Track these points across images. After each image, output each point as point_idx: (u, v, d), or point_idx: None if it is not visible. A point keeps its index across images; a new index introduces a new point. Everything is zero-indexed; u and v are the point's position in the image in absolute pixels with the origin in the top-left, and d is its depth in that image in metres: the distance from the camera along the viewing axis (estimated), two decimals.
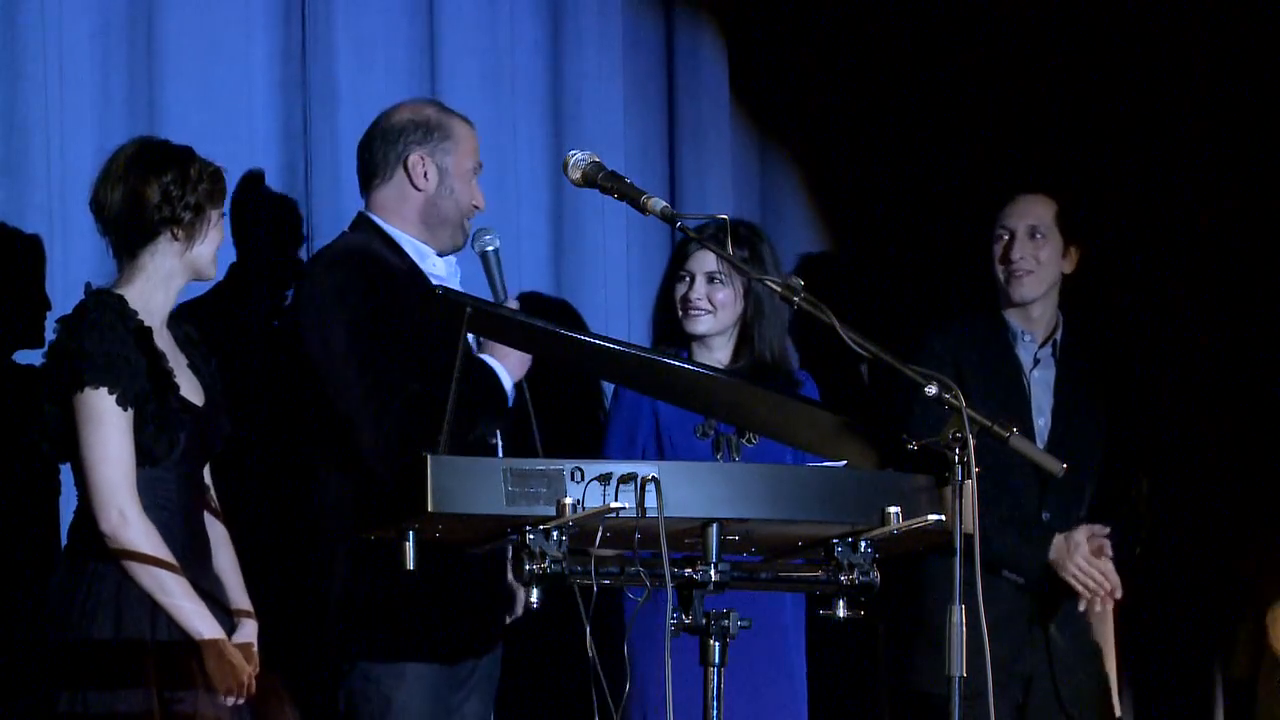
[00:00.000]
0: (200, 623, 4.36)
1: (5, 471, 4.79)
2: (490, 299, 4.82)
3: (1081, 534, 5.44)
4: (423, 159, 4.81)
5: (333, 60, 5.42)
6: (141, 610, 4.34)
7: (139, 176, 4.43)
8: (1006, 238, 5.56)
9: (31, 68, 4.92)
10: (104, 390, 4.30)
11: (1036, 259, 5.53)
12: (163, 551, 4.34)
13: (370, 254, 4.73)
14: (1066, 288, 5.63)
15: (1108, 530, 5.46)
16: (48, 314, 4.85)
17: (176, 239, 4.43)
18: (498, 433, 4.77)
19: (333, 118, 5.39)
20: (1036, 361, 5.56)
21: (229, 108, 5.25)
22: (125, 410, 4.32)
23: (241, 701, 4.40)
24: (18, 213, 4.89)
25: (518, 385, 4.77)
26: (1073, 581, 5.42)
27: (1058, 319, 5.61)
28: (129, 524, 4.31)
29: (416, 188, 4.81)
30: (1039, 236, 5.54)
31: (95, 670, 4.29)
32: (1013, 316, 5.58)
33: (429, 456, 3.34)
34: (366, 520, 3.55)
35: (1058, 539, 5.42)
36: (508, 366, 4.72)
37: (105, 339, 4.31)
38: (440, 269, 4.81)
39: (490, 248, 4.82)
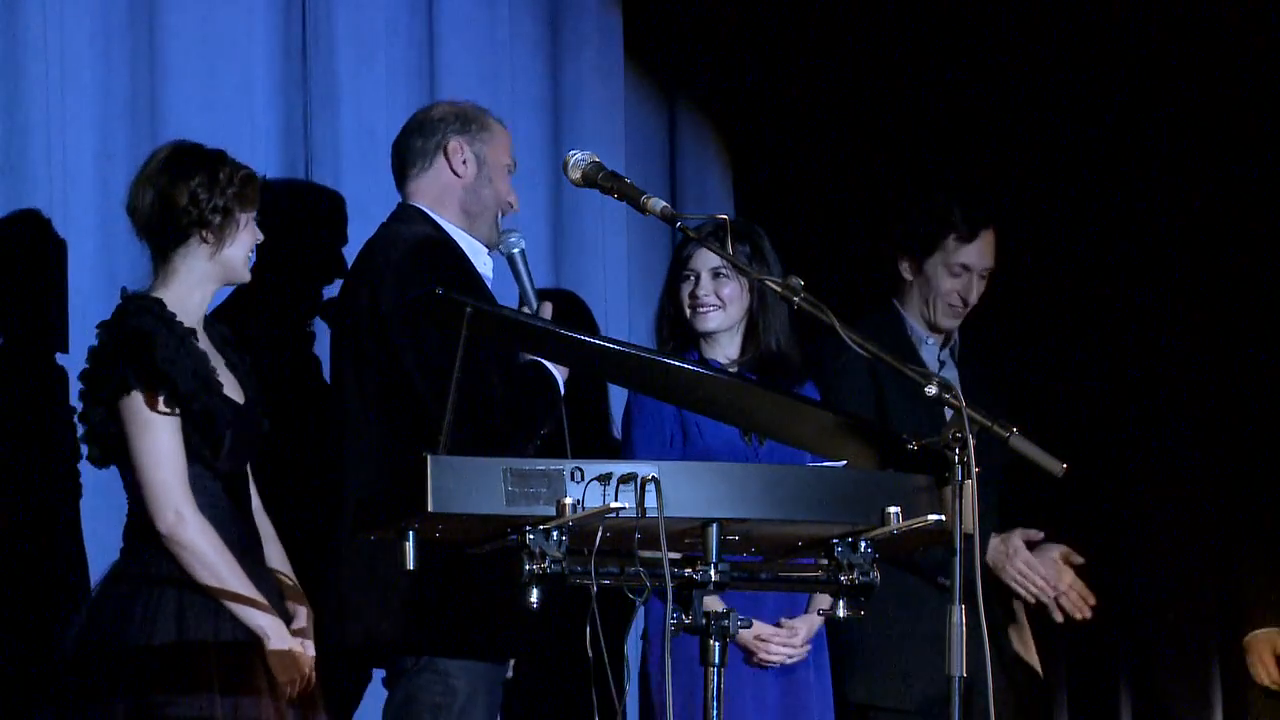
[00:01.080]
0: (263, 619, 4.39)
1: (20, 473, 4.79)
2: (519, 301, 4.87)
3: (1018, 537, 5.38)
4: (462, 146, 4.88)
5: (333, 59, 5.42)
6: (206, 613, 4.35)
7: (169, 180, 4.45)
8: (965, 278, 5.49)
9: (33, 67, 4.92)
10: (152, 393, 4.31)
11: (979, 295, 5.54)
12: (221, 549, 4.36)
13: (448, 243, 4.78)
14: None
15: (1041, 535, 5.41)
16: (65, 316, 4.87)
17: (206, 241, 4.44)
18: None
19: (334, 116, 5.39)
20: (941, 364, 5.54)
21: (230, 107, 5.25)
22: (174, 412, 4.33)
23: (294, 696, 4.42)
24: (18, 213, 4.89)
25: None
26: (1015, 586, 5.36)
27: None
28: (186, 523, 4.32)
29: (456, 173, 4.87)
30: (987, 276, 5.54)
31: (159, 676, 4.29)
32: (914, 318, 5.56)
33: (429, 456, 3.34)
34: (366, 521, 3.55)
35: (994, 541, 5.35)
36: (556, 364, 4.76)
37: (151, 343, 4.32)
38: (488, 269, 4.84)
39: (517, 249, 4.86)
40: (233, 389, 4.48)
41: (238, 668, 4.35)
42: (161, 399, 4.32)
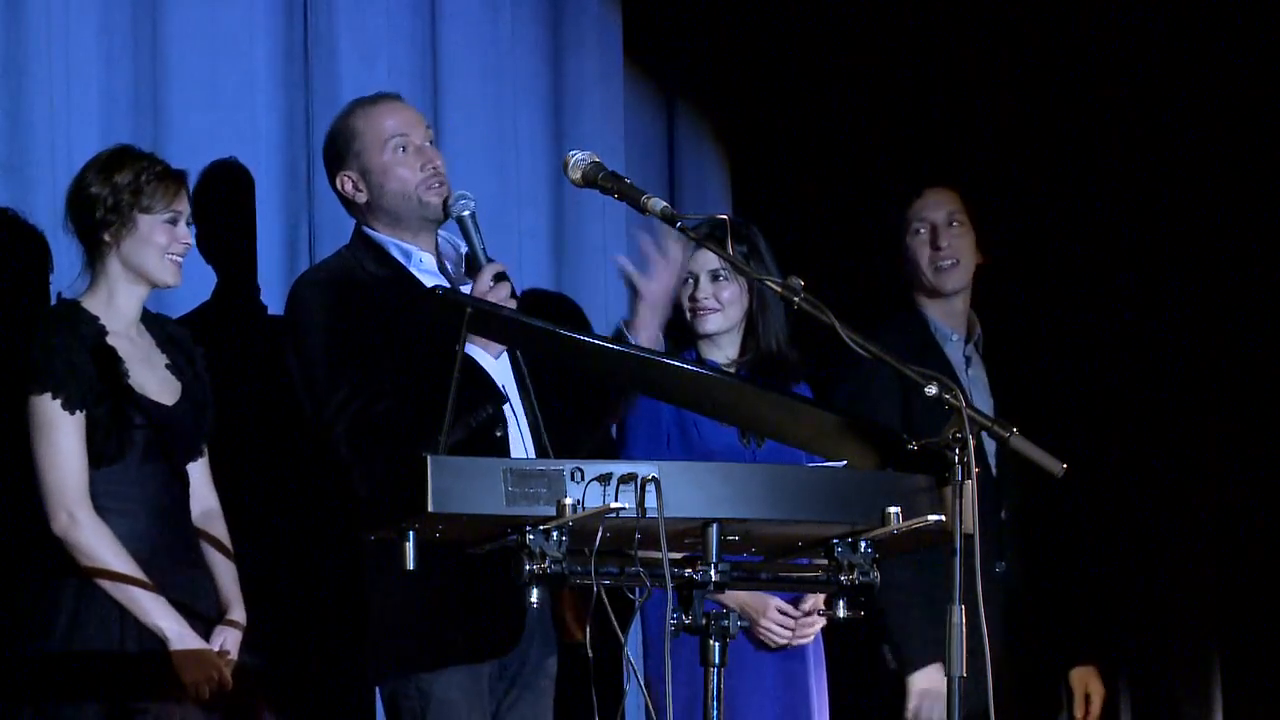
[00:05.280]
0: (162, 619, 4.39)
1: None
2: (466, 263, 4.79)
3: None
4: (347, 177, 4.79)
5: (335, 59, 5.42)
6: (108, 618, 4.36)
7: (77, 181, 4.55)
8: (926, 230, 5.53)
9: (36, 66, 4.93)
10: (48, 395, 4.35)
11: (961, 247, 5.52)
12: (115, 551, 4.36)
13: (342, 275, 4.73)
14: (978, 287, 5.63)
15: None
16: None
17: (106, 241, 4.47)
18: (509, 420, 4.72)
19: (335, 117, 5.39)
20: (967, 359, 5.55)
21: (232, 107, 5.26)
22: (74, 414, 4.36)
23: (206, 698, 4.41)
24: (22, 212, 4.90)
25: (518, 369, 4.74)
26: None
27: (974, 316, 5.60)
28: (79, 525, 4.34)
29: (357, 202, 4.80)
30: (957, 224, 5.53)
31: (50, 682, 4.30)
32: (936, 315, 5.56)
33: (429, 457, 3.34)
34: (366, 520, 3.56)
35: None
36: (485, 347, 4.66)
37: (50, 345, 4.37)
38: (430, 264, 4.79)
39: (465, 212, 4.72)
40: (164, 390, 4.49)
41: (143, 673, 4.36)
42: (59, 401, 4.35)
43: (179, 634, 4.40)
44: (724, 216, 4.33)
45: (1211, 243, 6.45)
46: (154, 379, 4.48)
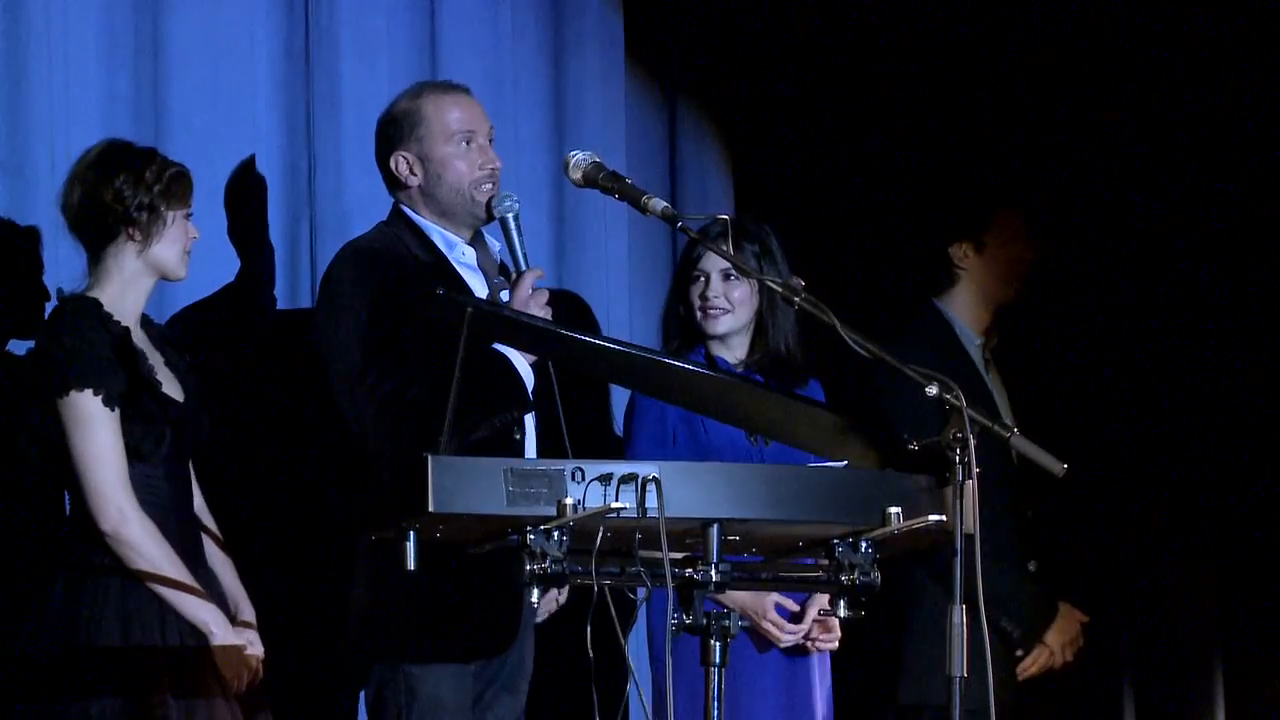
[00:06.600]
0: (206, 614, 4.40)
1: (5, 473, 4.80)
2: (506, 264, 4.80)
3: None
4: (403, 157, 4.80)
5: (336, 59, 5.43)
6: (150, 616, 4.36)
7: (95, 177, 4.48)
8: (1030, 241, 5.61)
9: (36, 66, 4.93)
10: (89, 392, 4.33)
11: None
12: (164, 547, 4.37)
13: (388, 250, 4.74)
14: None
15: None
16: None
17: (134, 239, 4.47)
18: (526, 422, 4.73)
19: (336, 117, 5.40)
20: (986, 362, 5.57)
21: (233, 107, 5.26)
22: (113, 410, 4.34)
23: (243, 691, 4.43)
24: (22, 212, 4.90)
25: (545, 373, 4.74)
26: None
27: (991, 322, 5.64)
28: (129, 521, 4.33)
29: (407, 185, 4.81)
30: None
31: (103, 679, 4.31)
32: (959, 318, 5.58)
33: (429, 457, 3.34)
34: (367, 520, 3.56)
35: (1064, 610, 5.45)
36: (524, 355, 4.66)
37: (86, 341, 4.35)
38: (470, 258, 4.80)
39: (510, 214, 4.75)
40: (172, 387, 4.50)
41: (187, 670, 4.36)
42: (100, 398, 4.34)
43: (222, 629, 4.42)
44: (725, 216, 4.32)
45: (1217, 245, 6.46)
46: (164, 376, 4.49)
